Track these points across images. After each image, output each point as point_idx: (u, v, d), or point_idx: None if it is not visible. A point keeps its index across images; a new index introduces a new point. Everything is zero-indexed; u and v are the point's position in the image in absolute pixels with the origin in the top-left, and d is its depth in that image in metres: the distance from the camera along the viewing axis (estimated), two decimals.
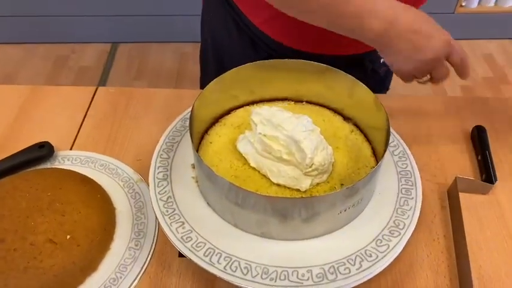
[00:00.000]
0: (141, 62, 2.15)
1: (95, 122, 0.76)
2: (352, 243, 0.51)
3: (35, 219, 0.57)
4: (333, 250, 0.51)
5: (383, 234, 0.52)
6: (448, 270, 0.57)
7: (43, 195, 0.60)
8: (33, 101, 0.80)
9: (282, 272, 0.49)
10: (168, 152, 0.61)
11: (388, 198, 0.56)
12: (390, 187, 0.57)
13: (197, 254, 0.50)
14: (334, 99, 0.65)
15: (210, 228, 0.53)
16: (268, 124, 0.55)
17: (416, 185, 0.57)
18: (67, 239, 0.56)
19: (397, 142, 0.62)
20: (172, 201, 0.55)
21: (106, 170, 0.68)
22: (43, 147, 0.68)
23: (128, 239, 0.59)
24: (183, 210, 0.54)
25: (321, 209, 0.49)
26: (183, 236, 0.52)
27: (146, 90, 0.82)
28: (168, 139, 0.62)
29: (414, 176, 0.58)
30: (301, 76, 0.63)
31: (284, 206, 0.48)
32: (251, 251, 0.51)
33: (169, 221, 0.53)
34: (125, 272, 0.56)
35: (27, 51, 2.19)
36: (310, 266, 0.49)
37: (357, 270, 0.49)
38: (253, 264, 0.49)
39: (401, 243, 0.51)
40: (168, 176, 0.58)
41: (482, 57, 2.17)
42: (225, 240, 0.52)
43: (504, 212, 0.62)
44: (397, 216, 0.54)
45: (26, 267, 0.54)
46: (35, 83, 2.01)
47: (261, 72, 0.63)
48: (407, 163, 0.60)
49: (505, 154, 0.70)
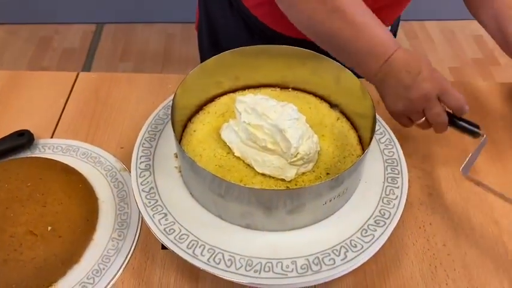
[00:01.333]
0: (126, 43, 2.11)
1: (76, 108, 0.74)
2: (337, 233, 0.51)
3: (15, 210, 0.56)
4: (318, 241, 0.50)
5: (368, 224, 0.52)
6: (434, 258, 0.57)
7: (23, 185, 0.59)
8: (12, 87, 0.77)
9: (266, 263, 0.48)
10: (150, 141, 0.59)
11: (374, 187, 0.55)
12: (376, 175, 0.56)
13: (180, 246, 0.49)
14: (321, 85, 0.63)
15: (193, 219, 0.52)
16: (253, 113, 0.54)
17: (403, 174, 0.56)
18: (48, 230, 0.55)
19: (384, 130, 0.62)
20: (155, 192, 0.54)
21: (88, 158, 0.66)
22: (22, 135, 0.66)
23: (111, 230, 0.58)
24: (166, 201, 0.53)
25: (306, 200, 0.48)
26: (165, 227, 0.51)
27: (129, 75, 0.80)
28: (150, 128, 0.61)
29: (400, 164, 0.58)
30: (288, 62, 0.62)
31: (268, 198, 0.48)
32: (235, 242, 0.50)
33: (152, 212, 0.52)
34: (108, 263, 0.55)
35: (9, 33, 2.14)
36: (294, 257, 0.49)
37: (342, 261, 0.48)
38: (237, 256, 0.49)
39: (387, 233, 0.51)
40: (151, 166, 0.57)
41: (472, 38, 2.16)
42: (209, 231, 0.51)
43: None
44: (382, 206, 0.53)
45: (6, 259, 0.53)
46: (18, 65, 1.96)
47: (246, 58, 0.61)
48: (394, 151, 0.59)
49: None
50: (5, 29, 2.15)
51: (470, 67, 2.02)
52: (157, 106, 0.63)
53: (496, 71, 2.00)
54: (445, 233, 0.59)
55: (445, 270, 0.56)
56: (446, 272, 0.55)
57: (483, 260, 0.57)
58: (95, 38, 2.13)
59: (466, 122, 0.58)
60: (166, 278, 0.54)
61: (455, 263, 0.56)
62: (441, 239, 0.59)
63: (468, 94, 0.78)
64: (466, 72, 1.99)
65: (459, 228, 0.60)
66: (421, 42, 2.14)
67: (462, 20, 2.22)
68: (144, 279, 0.54)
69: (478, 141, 0.58)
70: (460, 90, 0.57)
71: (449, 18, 2.23)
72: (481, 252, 0.57)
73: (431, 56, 2.05)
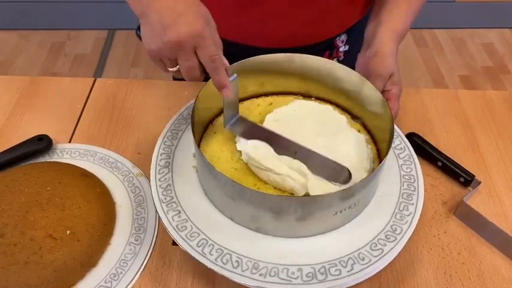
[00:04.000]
0: (138, 49, 2.13)
1: (93, 114, 0.75)
2: (346, 244, 0.51)
3: (35, 213, 0.57)
4: (326, 250, 0.50)
5: (379, 238, 0.51)
6: (448, 266, 0.57)
7: (42, 189, 0.60)
8: (30, 93, 0.79)
9: (272, 268, 0.49)
10: (172, 139, 0.61)
11: (388, 202, 0.55)
12: (392, 190, 0.56)
13: (190, 243, 0.50)
14: (342, 96, 0.63)
15: (205, 219, 0.53)
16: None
17: (419, 191, 0.56)
18: (67, 234, 0.56)
19: (404, 145, 0.61)
20: (171, 189, 0.55)
21: (105, 163, 0.67)
22: (41, 140, 0.68)
23: (128, 234, 0.59)
24: (180, 199, 0.54)
25: (316, 209, 0.49)
26: (178, 224, 0.52)
27: (146, 82, 0.81)
28: (173, 126, 0.62)
29: (418, 181, 0.57)
30: (311, 72, 0.62)
31: (279, 204, 0.48)
32: (244, 245, 0.51)
33: (167, 208, 0.53)
34: (125, 268, 0.56)
35: (23, 38, 2.17)
36: (301, 264, 0.49)
37: (348, 273, 0.48)
38: (245, 258, 0.49)
39: (396, 249, 0.51)
40: (170, 164, 0.58)
41: (482, 47, 2.16)
42: (219, 232, 0.52)
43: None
44: (395, 221, 0.53)
45: (26, 262, 0.53)
46: (30, 70, 1.99)
47: (272, 65, 0.62)
48: (412, 167, 0.59)
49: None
50: (18, 34, 2.18)
51: (481, 75, 2.01)
52: (174, 113, 0.64)
53: (507, 79, 1.99)
54: (460, 242, 0.59)
55: (460, 279, 0.56)
56: (461, 281, 0.56)
57: (498, 270, 0.57)
58: (106, 44, 2.15)
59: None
60: (183, 282, 0.55)
61: (470, 272, 0.56)
62: (456, 247, 0.59)
63: (480, 103, 0.78)
64: (476, 81, 1.99)
65: (474, 237, 0.60)
66: (431, 50, 2.14)
67: (472, 28, 2.23)
68: (161, 284, 0.55)
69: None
70: (470, 99, 0.57)
71: (459, 26, 2.23)
72: (496, 262, 0.58)
73: (441, 64, 2.06)
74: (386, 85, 0.61)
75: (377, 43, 0.63)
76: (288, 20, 0.73)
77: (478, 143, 0.71)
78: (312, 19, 0.74)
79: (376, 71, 0.61)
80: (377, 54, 0.62)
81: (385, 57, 0.61)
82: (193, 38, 0.48)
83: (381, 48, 0.62)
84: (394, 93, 0.61)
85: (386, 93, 0.61)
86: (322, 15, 0.74)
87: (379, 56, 0.62)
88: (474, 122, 0.74)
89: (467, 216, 0.61)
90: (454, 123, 0.64)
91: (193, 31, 0.48)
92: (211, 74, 0.51)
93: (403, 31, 0.65)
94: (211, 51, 0.49)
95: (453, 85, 1.95)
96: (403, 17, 0.66)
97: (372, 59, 0.62)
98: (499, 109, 0.77)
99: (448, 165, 0.65)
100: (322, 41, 0.78)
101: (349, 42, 0.81)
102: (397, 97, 0.61)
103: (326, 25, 0.76)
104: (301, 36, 0.75)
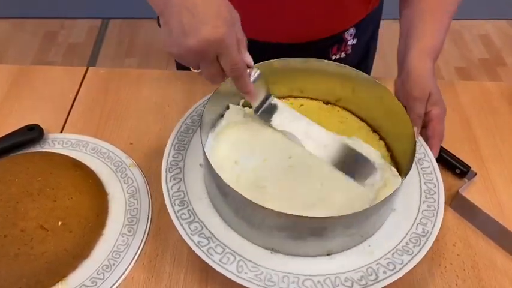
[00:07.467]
0: (132, 39, 2.11)
1: (85, 103, 0.74)
2: (349, 265, 0.51)
3: (26, 204, 0.56)
4: (333, 267, 0.51)
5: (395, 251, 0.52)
6: (443, 258, 0.57)
7: (33, 180, 0.59)
8: (21, 82, 0.77)
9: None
10: (188, 131, 0.61)
11: (406, 219, 0.54)
12: (411, 206, 0.55)
13: (193, 238, 0.51)
14: (362, 105, 0.62)
15: (210, 217, 0.53)
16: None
17: (438, 211, 0.55)
18: (58, 225, 0.55)
19: (430, 163, 0.59)
20: (181, 182, 0.55)
21: (97, 153, 0.66)
22: (32, 129, 0.66)
23: (121, 225, 0.58)
24: (189, 191, 0.54)
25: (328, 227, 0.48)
26: (182, 215, 0.52)
27: (139, 71, 0.80)
28: (187, 121, 0.61)
29: (439, 201, 0.56)
30: (331, 78, 0.61)
31: (285, 222, 0.47)
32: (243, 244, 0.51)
33: (173, 198, 0.53)
34: (118, 259, 0.55)
35: (15, 27, 2.14)
36: (306, 275, 0.49)
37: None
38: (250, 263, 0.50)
39: (409, 266, 0.51)
40: (183, 158, 0.58)
41: (478, 38, 2.15)
42: (225, 232, 0.52)
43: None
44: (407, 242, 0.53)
45: (17, 253, 0.53)
46: (23, 59, 1.97)
47: (292, 68, 0.61)
48: (435, 182, 0.57)
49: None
50: (11, 23, 2.15)
51: (477, 67, 2.01)
52: (166, 102, 0.63)
53: (503, 71, 1.99)
54: (455, 233, 0.59)
55: (455, 271, 0.56)
56: (456, 273, 0.55)
57: (493, 261, 0.57)
58: (100, 33, 2.13)
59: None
60: (176, 274, 0.54)
61: (465, 264, 0.56)
62: (451, 239, 0.59)
63: (476, 94, 0.77)
64: (472, 73, 1.98)
65: (469, 228, 0.60)
66: None
67: (469, 19, 2.22)
68: (154, 275, 0.54)
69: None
70: (467, 90, 0.56)
71: (455, 17, 2.22)
72: (492, 253, 0.57)
73: None
74: (427, 106, 0.59)
75: (408, 64, 0.59)
76: (298, 15, 0.72)
77: (474, 134, 0.71)
78: (322, 14, 0.72)
79: (412, 94, 0.58)
80: (410, 76, 0.59)
81: (418, 77, 0.58)
82: (215, 46, 0.45)
83: (413, 69, 0.59)
84: (434, 114, 0.59)
85: (426, 115, 0.59)
86: (333, 9, 0.72)
87: (412, 77, 0.59)
88: (471, 113, 0.74)
89: (463, 208, 0.60)
90: (450, 114, 0.63)
91: (214, 40, 0.45)
92: (234, 81, 0.50)
93: (435, 46, 0.61)
94: (233, 59, 0.47)
95: (449, 77, 1.95)
96: (431, 31, 0.62)
97: (406, 83, 0.59)
98: (495, 100, 0.76)
99: (444, 157, 0.65)
100: (331, 35, 0.76)
101: (357, 36, 0.79)
102: (439, 118, 0.59)
103: (336, 20, 0.75)
104: (311, 32, 0.74)
